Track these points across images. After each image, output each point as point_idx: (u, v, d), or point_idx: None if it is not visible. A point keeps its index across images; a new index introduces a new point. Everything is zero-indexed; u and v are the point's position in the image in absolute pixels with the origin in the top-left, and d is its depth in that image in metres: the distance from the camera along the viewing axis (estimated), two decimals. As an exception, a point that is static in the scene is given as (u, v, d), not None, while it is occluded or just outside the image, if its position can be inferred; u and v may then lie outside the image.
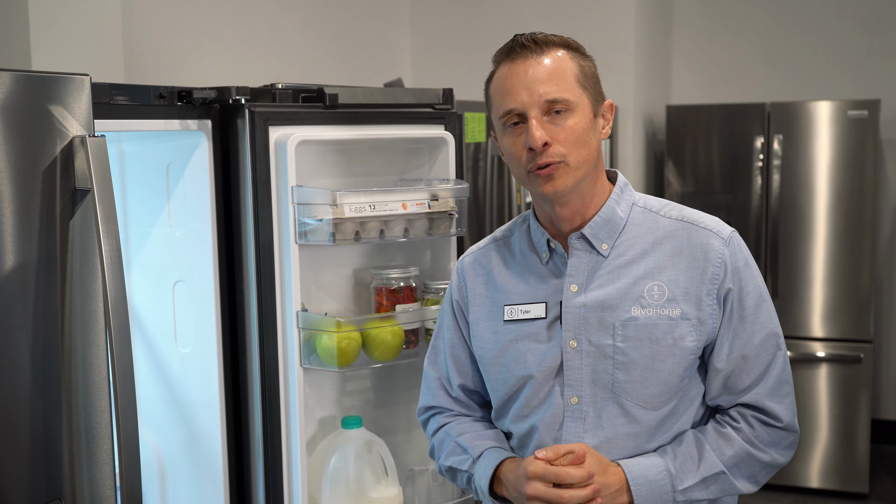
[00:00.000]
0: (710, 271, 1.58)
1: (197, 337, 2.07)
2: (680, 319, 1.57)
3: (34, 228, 1.47)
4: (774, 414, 1.61)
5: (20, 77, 1.45)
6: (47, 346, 1.50)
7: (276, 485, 2.04)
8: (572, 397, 1.60)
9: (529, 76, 1.56)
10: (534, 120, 1.54)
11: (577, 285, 1.61)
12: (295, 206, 1.99)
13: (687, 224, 1.62)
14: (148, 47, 3.16)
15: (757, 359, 1.61)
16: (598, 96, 1.62)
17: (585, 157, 1.57)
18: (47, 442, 1.50)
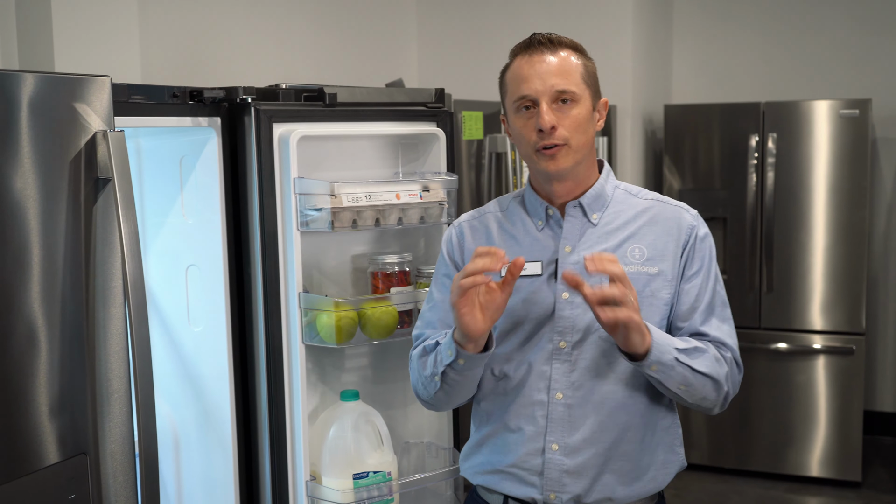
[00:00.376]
0: (682, 238, 1.86)
1: (208, 317, 2.25)
2: (657, 276, 1.83)
3: (62, 213, 1.65)
4: (704, 333, 1.84)
5: (49, 78, 1.64)
6: (73, 317, 1.69)
7: (280, 452, 2.22)
8: (561, 342, 1.82)
9: (543, 68, 1.81)
10: (545, 105, 1.79)
11: (570, 246, 1.86)
12: (297, 196, 2.17)
13: (660, 202, 1.91)
14: (163, 49, 3.34)
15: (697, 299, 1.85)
16: (597, 94, 1.89)
17: (584, 143, 1.83)
18: (74, 403, 1.68)
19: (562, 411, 1.81)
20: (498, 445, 1.87)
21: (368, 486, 2.22)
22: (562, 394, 1.82)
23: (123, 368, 1.76)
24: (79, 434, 1.69)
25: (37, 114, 1.60)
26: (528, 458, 1.84)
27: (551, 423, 1.82)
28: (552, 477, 1.83)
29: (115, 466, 1.76)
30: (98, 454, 1.73)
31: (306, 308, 2.20)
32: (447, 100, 3.11)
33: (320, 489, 2.22)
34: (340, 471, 2.22)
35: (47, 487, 1.64)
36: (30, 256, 1.60)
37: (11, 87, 1.55)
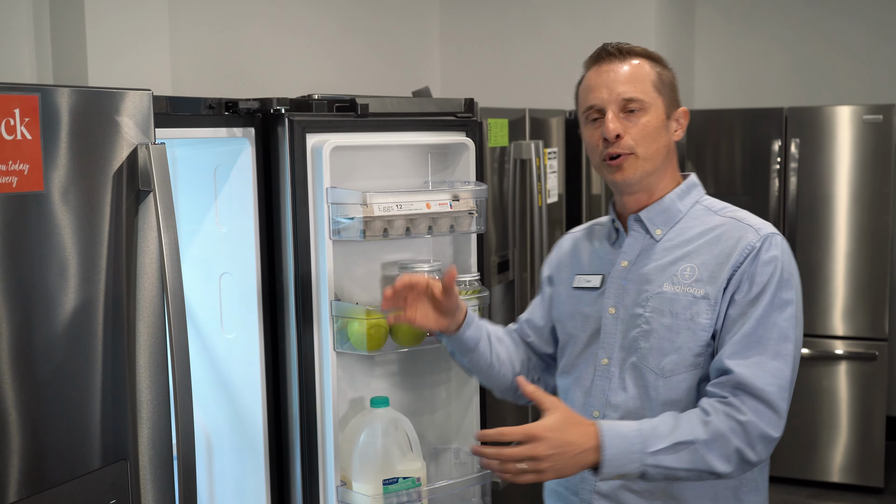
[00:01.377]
0: (734, 259, 1.74)
1: (241, 324, 2.28)
2: (701, 298, 1.74)
3: (105, 223, 1.69)
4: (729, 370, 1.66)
5: (91, 92, 1.68)
6: (114, 327, 1.72)
7: (311, 458, 2.25)
8: (603, 358, 1.84)
9: (611, 77, 1.81)
10: (610, 114, 1.79)
11: (627, 261, 1.86)
12: (329, 205, 2.20)
13: (735, 220, 1.80)
14: (192, 60, 3.39)
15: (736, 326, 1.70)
16: (674, 102, 1.85)
17: (654, 152, 1.80)
18: (115, 409, 1.72)
19: None
20: None
21: (398, 491, 2.25)
22: (599, 412, 1.80)
23: (163, 376, 1.80)
24: (120, 440, 1.73)
25: (79, 128, 1.64)
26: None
27: None
28: (584, 498, 1.82)
29: (155, 472, 1.79)
30: (138, 460, 1.77)
31: (337, 316, 2.23)
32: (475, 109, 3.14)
33: (351, 494, 2.25)
34: (370, 476, 2.25)
35: (89, 493, 1.68)
36: (73, 267, 1.64)
37: (54, 102, 1.59)
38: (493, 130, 3.33)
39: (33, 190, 1.56)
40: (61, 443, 1.62)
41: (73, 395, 1.65)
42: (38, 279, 1.57)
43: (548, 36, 4.91)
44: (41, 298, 1.58)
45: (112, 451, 1.72)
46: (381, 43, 4.51)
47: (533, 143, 3.55)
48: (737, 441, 1.64)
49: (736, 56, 5.29)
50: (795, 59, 5.21)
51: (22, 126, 1.53)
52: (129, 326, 1.76)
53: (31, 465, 1.57)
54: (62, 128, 1.61)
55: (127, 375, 1.75)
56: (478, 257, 2.43)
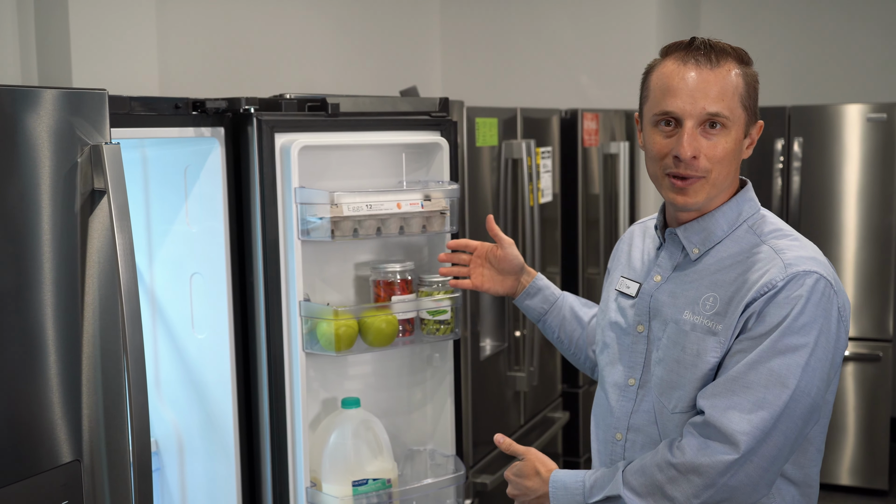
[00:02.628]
0: (751, 294, 1.55)
1: (211, 324, 2.27)
2: (712, 334, 1.57)
3: (57, 223, 1.69)
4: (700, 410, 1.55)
5: (46, 93, 1.67)
6: (69, 326, 1.72)
7: (281, 459, 2.24)
8: (630, 379, 1.70)
9: (698, 85, 1.56)
10: (688, 130, 1.56)
11: (661, 276, 1.70)
12: (298, 205, 2.19)
13: (773, 252, 1.59)
14: (182, 61, 3.39)
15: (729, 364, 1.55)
16: (754, 116, 1.63)
17: (725, 176, 1.60)
18: (69, 409, 1.72)
19: (619, 454, 1.71)
20: None
21: (367, 493, 2.23)
22: (621, 434, 1.70)
23: (119, 376, 1.79)
24: (73, 441, 1.73)
25: (30, 127, 1.63)
26: None
27: (610, 464, 1.71)
28: None
29: (112, 474, 1.79)
30: (92, 461, 1.76)
31: (307, 316, 2.22)
32: (455, 107, 3.12)
33: (320, 496, 2.24)
34: (340, 477, 2.24)
35: (41, 493, 1.67)
36: (23, 267, 1.64)
37: (7, 102, 1.59)
38: (482, 130, 3.31)
39: (-21, 190, 1.55)
40: (9, 442, 1.62)
41: (24, 394, 1.64)
42: (-16, 280, 1.57)
43: (549, 35, 4.88)
44: (-13, 299, 1.58)
45: (65, 451, 1.71)
46: (380, 42, 4.50)
47: (524, 143, 3.53)
48: (672, 490, 1.54)
49: (741, 54, 5.24)
50: (799, 58, 5.15)
51: (-34, 126, 1.53)
52: (85, 327, 1.75)
53: (-24, 466, 1.57)
54: (11, 128, 1.60)
55: (83, 376, 1.75)
56: (452, 258, 2.41)
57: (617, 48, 4.69)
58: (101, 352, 1.77)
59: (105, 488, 1.78)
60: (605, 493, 1.62)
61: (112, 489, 1.78)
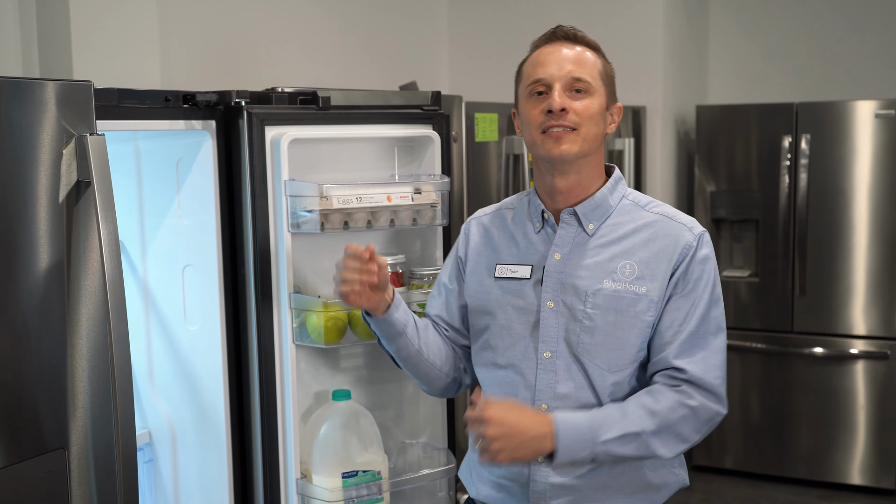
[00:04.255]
0: (675, 258, 1.81)
1: (203, 316, 2.29)
2: (644, 296, 1.79)
3: (45, 214, 1.71)
4: (678, 368, 1.78)
5: (32, 84, 1.69)
6: (55, 313, 1.74)
7: (272, 450, 2.25)
8: (545, 352, 1.82)
9: (563, 55, 1.83)
10: (557, 89, 1.79)
11: (560, 254, 1.84)
12: (288, 198, 2.20)
13: (666, 218, 1.85)
14: (185, 55, 3.41)
15: (680, 325, 1.80)
16: (612, 96, 1.88)
17: (594, 135, 1.82)
18: (54, 398, 1.73)
19: None
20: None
21: (357, 484, 2.24)
22: (546, 405, 1.81)
23: (104, 365, 1.81)
24: (58, 429, 1.74)
25: (14, 118, 1.65)
26: (513, 469, 1.83)
27: None
28: (538, 490, 1.82)
29: (97, 463, 1.81)
30: (77, 450, 1.78)
31: (297, 308, 2.23)
32: (455, 102, 3.13)
33: (310, 487, 2.25)
34: (330, 469, 2.25)
35: (25, 481, 1.69)
36: (12, 256, 1.66)
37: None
38: (481, 125, 3.31)
39: (-38, 180, 1.57)
40: (-8, 430, 1.64)
41: (9, 382, 1.66)
42: (-34, 268, 1.59)
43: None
44: (-31, 287, 1.60)
45: (50, 439, 1.73)
46: (387, 38, 4.51)
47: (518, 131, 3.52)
48: (684, 427, 1.77)
49: (752, 50, 5.21)
50: (807, 54, 5.11)
51: (-52, 117, 1.55)
52: (71, 316, 1.77)
53: (-42, 452, 1.59)
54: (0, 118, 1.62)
55: (68, 366, 1.76)
56: (444, 251, 2.41)
57: (623, 45, 4.68)
58: (86, 341, 1.78)
59: (91, 476, 1.80)
60: (622, 432, 1.72)
61: (98, 477, 1.80)
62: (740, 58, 5.23)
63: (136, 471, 1.81)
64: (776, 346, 4.63)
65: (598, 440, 1.72)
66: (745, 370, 4.67)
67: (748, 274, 4.73)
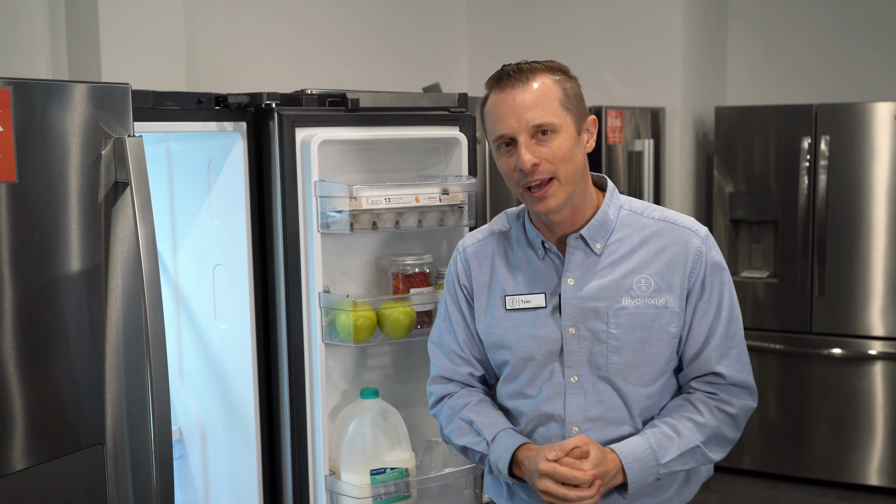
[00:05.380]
0: (689, 266, 1.81)
1: (233, 315, 2.32)
2: (664, 308, 1.79)
3: (80, 214, 1.74)
4: (719, 374, 1.82)
5: (71, 87, 1.73)
6: (94, 312, 1.77)
7: (301, 447, 2.28)
8: (572, 376, 1.81)
9: (517, 103, 1.73)
10: (522, 145, 1.72)
11: (573, 279, 1.82)
12: (318, 198, 2.23)
13: (668, 224, 1.84)
14: (210, 57, 3.44)
15: (711, 330, 1.82)
16: (582, 115, 1.79)
17: (573, 172, 1.75)
18: (92, 394, 1.77)
19: None
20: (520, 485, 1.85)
21: (385, 481, 2.27)
22: (578, 427, 1.81)
23: (141, 363, 1.84)
24: (96, 425, 1.78)
25: (55, 120, 1.69)
26: None
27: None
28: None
29: (133, 458, 1.84)
30: (115, 445, 1.81)
31: (326, 308, 2.26)
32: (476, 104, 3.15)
33: (339, 484, 2.28)
34: (358, 466, 2.28)
35: (65, 475, 1.73)
36: (47, 257, 1.69)
37: (29, 96, 1.64)
38: (504, 126, 3.33)
39: (6, 180, 1.61)
40: (35, 425, 1.67)
41: (50, 378, 1.70)
42: (11, 268, 1.62)
43: (575, 33, 4.90)
44: (14, 287, 1.63)
45: (88, 435, 1.77)
46: (406, 39, 4.53)
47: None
48: (728, 431, 1.83)
49: (771, 52, 5.21)
50: (827, 55, 5.11)
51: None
52: (108, 314, 1.80)
53: (4, 446, 1.62)
54: (37, 120, 1.66)
55: (106, 362, 1.80)
56: (470, 251, 2.44)
57: (643, 46, 4.69)
58: (123, 339, 1.82)
59: (128, 471, 1.83)
60: (680, 450, 1.76)
61: (134, 472, 1.83)
62: (759, 59, 5.24)
63: (172, 467, 1.85)
64: (794, 346, 4.63)
65: (660, 463, 1.75)
66: (764, 371, 4.67)
67: (766, 275, 4.73)
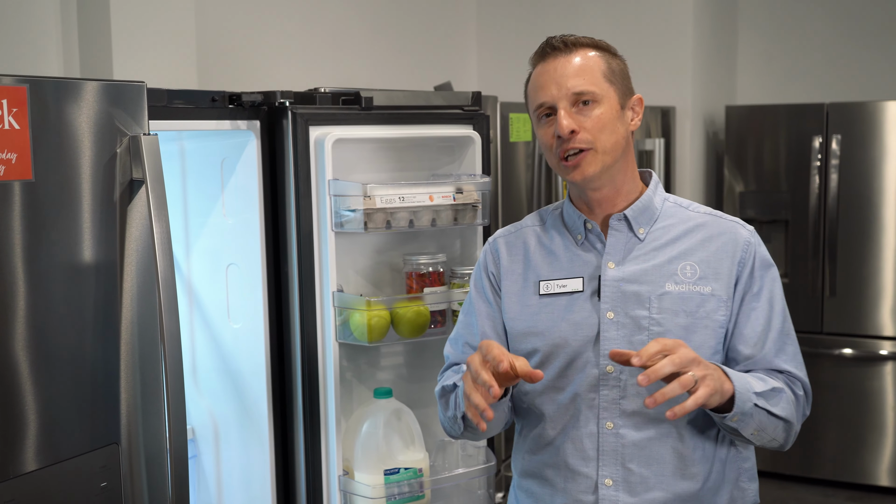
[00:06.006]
0: (738, 255, 1.74)
1: (247, 314, 2.32)
2: (710, 295, 1.72)
3: (99, 212, 1.73)
4: (782, 370, 1.74)
5: (84, 84, 1.72)
6: (108, 310, 1.77)
7: (314, 447, 2.27)
8: (608, 366, 1.70)
9: (559, 72, 1.72)
10: (562, 111, 1.69)
11: (613, 262, 1.74)
12: (332, 197, 2.22)
13: (715, 217, 1.80)
14: (220, 55, 3.44)
15: (768, 324, 1.75)
16: (627, 91, 1.76)
17: (613, 144, 1.71)
18: (107, 394, 1.76)
19: (613, 442, 1.70)
20: (547, 481, 1.77)
21: (399, 482, 2.26)
22: (612, 423, 1.70)
23: (156, 362, 1.83)
24: (111, 425, 1.77)
25: (70, 118, 1.68)
26: (581, 495, 1.72)
27: (603, 455, 1.70)
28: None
29: (148, 458, 1.83)
30: (130, 445, 1.80)
31: (340, 307, 2.25)
32: (490, 103, 3.15)
33: (352, 484, 2.27)
34: (372, 466, 2.27)
35: (80, 475, 1.72)
36: (62, 254, 1.68)
37: (45, 94, 1.63)
38: (516, 125, 3.32)
39: (22, 178, 1.60)
40: (50, 425, 1.67)
41: (65, 377, 1.69)
42: (26, 266, 1.62)
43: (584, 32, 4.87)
44: (28, 286, 1.62)
45: (103, 434, 1.76)
46: (416, 38, 4.53)
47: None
48: (796, 410, 1.74)
49: (781, 50, 5.19)
50: (838, 54, 5.09)
51: (10, 116, 1.57)
52: (122, 313, 1.80)
53: (15, 448, 1.62)
54: (53, 118, 1.65)
55: (122, 361, 1.79)
56: (484, 250, 2.43)
57: (653, 45, 4.68)
58: (138, 338, 1.81)
59: (142, 471, 1.83)
60: (768, 387, 1.67)
61: (149, 472, 1.83)
62: (770, 58, 5.22)
63: (187, 466, 1.84)
64: (805, 346, 4.53)
65: (754, 390, 1.64)
66: (775, 371, 4.65)
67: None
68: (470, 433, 1.82)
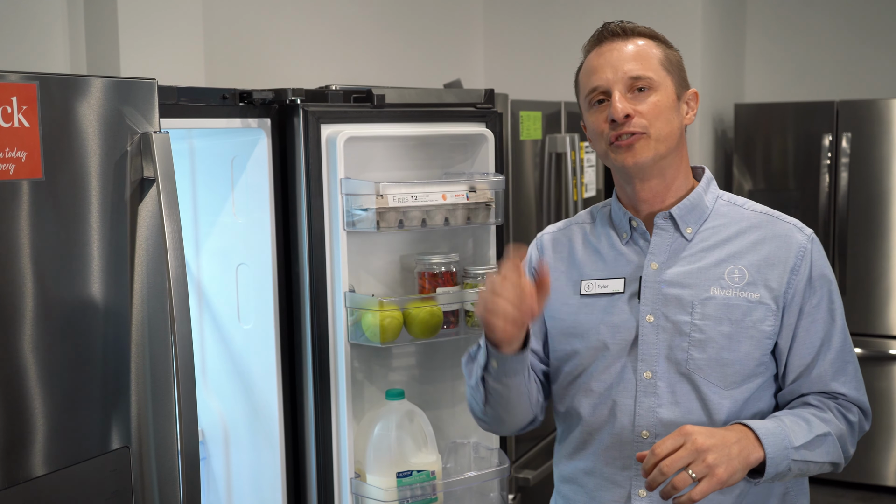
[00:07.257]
0: (791, 261, 1.63)
1: (257, 314, 2.28)
2: (758, 303, 1.62)
3: (110, 211, 1.70)
4: (838, 393, 1.66)
5: (95, 82, 1.69)
6: (119, 311, 1.74)
7: (326, 449, 2.24)
8: (646, 372, 1.64)
9: (615, 56, 1.66)
10: (617, 94, 1.63)
11: (657, 263, 1.66)
12: (343, 196, 2.19)
13: (771, 217, 1.69)
14: (228, 52, 3.41)
15: (826, 342, 1.65)
16: (683, 83, 1.69)
17: (668, 133, 1.63)
18: (118, 396, 1.73)
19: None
20: (581, 487, 1.71)
21: (412, 484, 2.23)
22: (648, 432, 1.64)
23: (167, 363, 1.80)
24: (122, 427, 1.74)
25: (80, 116, 1.65)
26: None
27: (638, 465, 1.62)
28: None
29: (159, 461, 1.80)
30: (141, 448, 1.78)
31: (352, 307, 2.22)
32: (500, 100, 3.11)
33: (364, 487, 2.24)
34: (384, 469, 2.24)
35: (91, 478, 1.69)
36: (72, 254, 1.66)
37: (55, 91, 1.60)
38: (525, 123, 3.29)
39: (32, 177, 1.57)
40: (61, 428, 1.64)
41: (74, 380, 1.66)
42: (35, 266, 1.59)
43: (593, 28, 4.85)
44: (38, 286, 1.59)
45: (114, 437, 1.73)
46: (423, 35, 4.50)
47: (568, 137, 3.51)
48: (849, 439, 1.66)
49: (790, 48, 5.16)
50: (848, 52, 5.06)
51: (20, 114, 1.54)
52: (133, 314, 1.77)
53: (24, 452, 1.59)
54: (63, 116, 1.62)
55: (132, 363, 1.76)
56: (497, 250, 2.40)
57: (662, 42, 4.65)
58: (149, 339, 1.78)
59: (153, 474, 1.80)
60: (812, 435, 1.57)
61: (160, 475, 1.80)
62: (779, 56, 5.19)
63: (199, 469, 1.81)
64: (815, 346, 4.58)
65: (792, 445, 1.54)
66: (784, 371, 4.63)
67: (787, 274, 4.68)
68: (491, 409, 1.70)
